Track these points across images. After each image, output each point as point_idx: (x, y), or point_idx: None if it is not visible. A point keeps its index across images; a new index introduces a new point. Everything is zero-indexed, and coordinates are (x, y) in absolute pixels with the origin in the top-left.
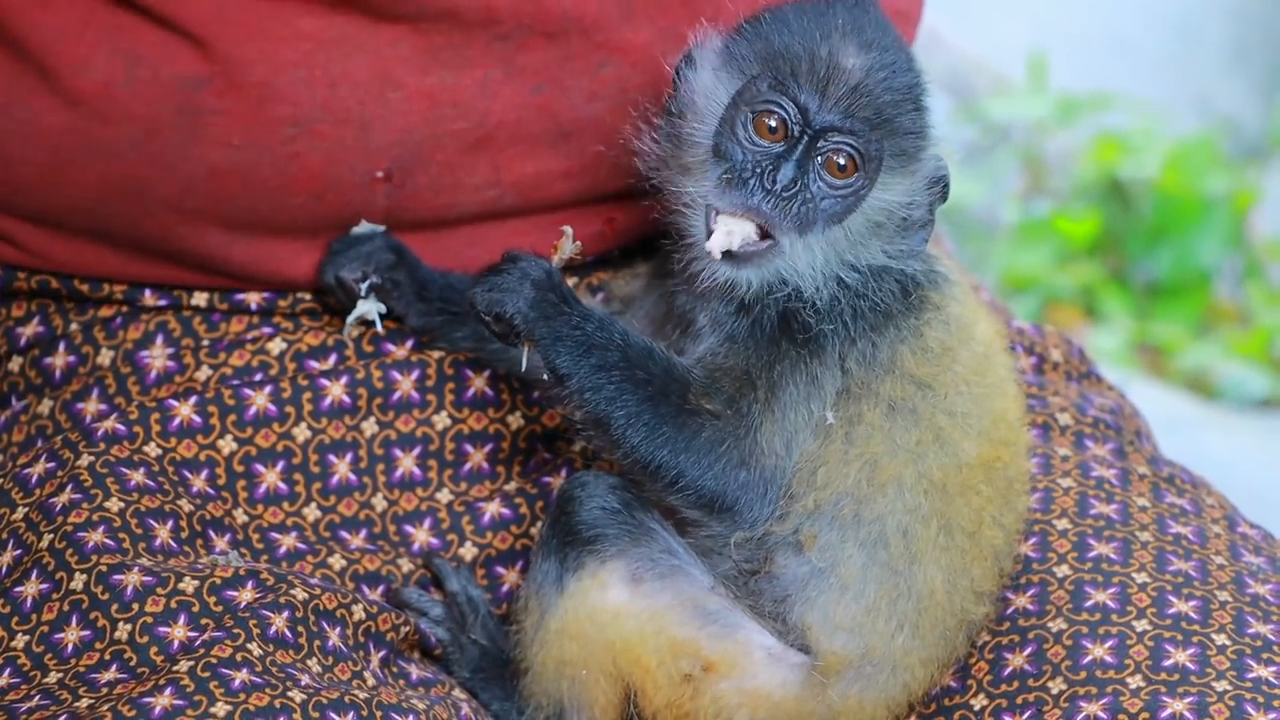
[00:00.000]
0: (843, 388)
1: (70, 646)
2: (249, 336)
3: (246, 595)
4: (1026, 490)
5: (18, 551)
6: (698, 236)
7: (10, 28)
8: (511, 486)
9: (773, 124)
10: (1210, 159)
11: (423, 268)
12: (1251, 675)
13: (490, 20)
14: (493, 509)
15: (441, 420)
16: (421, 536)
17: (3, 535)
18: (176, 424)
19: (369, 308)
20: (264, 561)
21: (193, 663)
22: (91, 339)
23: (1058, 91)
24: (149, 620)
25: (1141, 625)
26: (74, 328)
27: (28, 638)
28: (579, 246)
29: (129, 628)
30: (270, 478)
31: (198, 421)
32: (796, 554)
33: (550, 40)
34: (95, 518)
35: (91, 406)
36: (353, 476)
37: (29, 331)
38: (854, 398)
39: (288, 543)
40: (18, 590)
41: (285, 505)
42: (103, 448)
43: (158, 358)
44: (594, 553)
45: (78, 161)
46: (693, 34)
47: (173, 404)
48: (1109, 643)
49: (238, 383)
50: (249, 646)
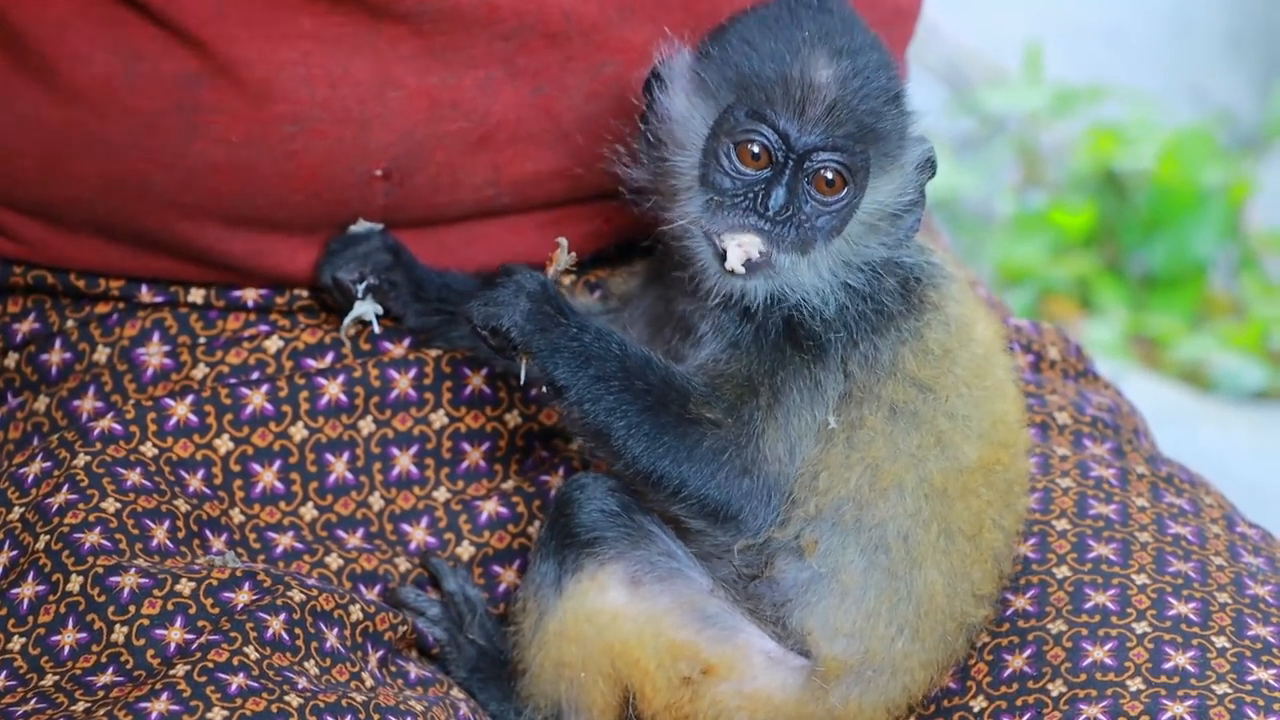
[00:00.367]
0: (845, 391)
1: (67, 649)
2: (246, 334)
3: (243, 597)
4: (1026, 492)
5: (14, 553)
6: (705, 259)
7: (9, 21)
8: (509, 485)
9: (755, 151)
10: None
11: (419, 267)
12: (1252, 678)
13: (491, 20)
14: (490, 508)
15: (439, 419)
16: (419, 535)
17: None
18: (173, 423)
19: (366, 309)
20: (261, 561)
21: (189, 667)
22: (88, 336)
23: (1053, 83)
24: (145, 623)
25: (1141, 627)
26: (70, 324)
27: (24, 640)
28: (573, 258)
29: (125, 630)
30: (267, 477)
31: (194, 421)
32: (797, 559)
33: (551, 41)
34: (92, 518)
35: (88, 404)
36: (350, 475)
37: (25, 328)
38: (856, 401)
39: (285, 542)
40: (14, 592)
41: (282, 504)
42: (99, 447)
43: (154, 355)
44: (593, 555)
45: (76, 156)
46: (657, 50)
47: (169, 403)
48: (1109, 645)
49: (234, 381)
50: (246, 650)
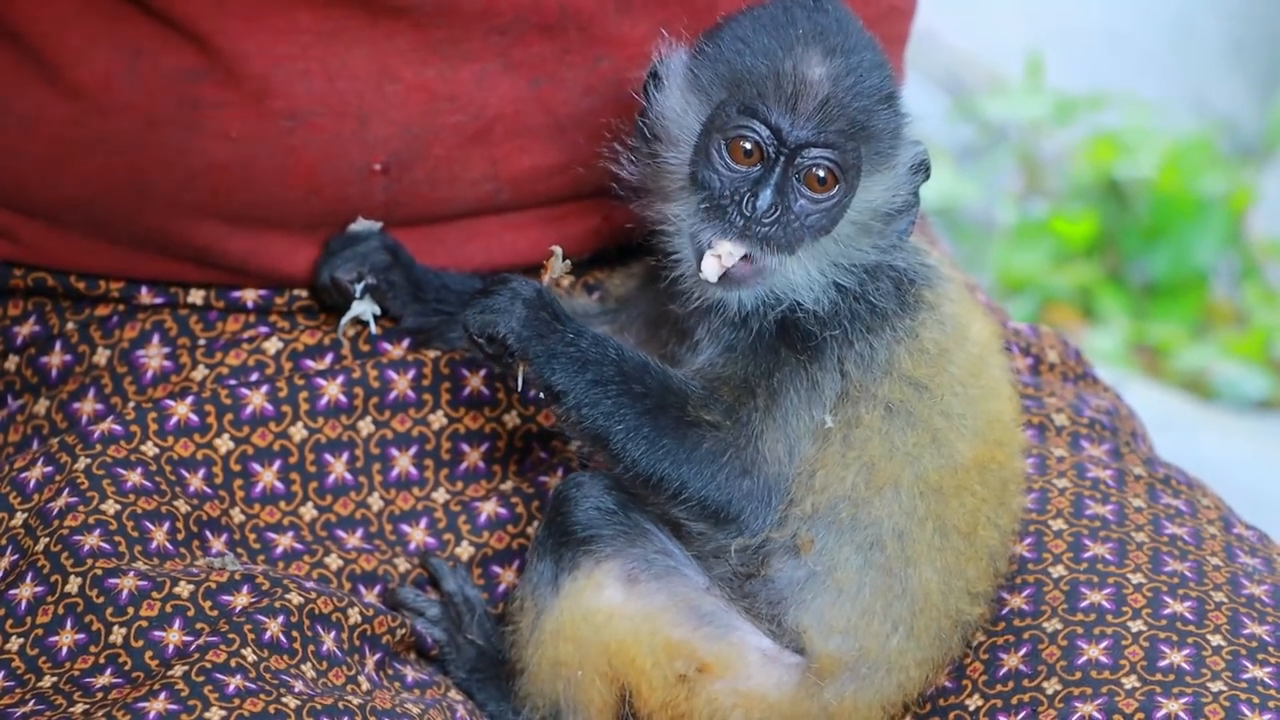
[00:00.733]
0: (841, 391)
1: (65, 650)
2: (245, 336)
3: (242, 600)
4: (1022, 490)
5: (14, 556)
6: (687, 262)
7: (10, 20)
8: (508, 486)
9: (748, 147)
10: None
11: (418, 268)
12: (1247, 676)
13: (489, 13)
14: (489, 508)
15: (438, 419)
16: (418, 536)
17: (1, 540)
18: (174, 423)
19: (363, 308)
20: (261, 561)
21: (187, 668)
22: (88, 338)
23: (1054, 91)
24: (144, 624)
25: (1137, 626)
26: (70, 327)
27: (22, 640)
28: (569, 265)
29: (124, 631)
30: (267, 477)
31: (194, 420)
32: (793, 557)
33: (548, 34)
34: (91, 521)
35: (88, 406)
36: (349, 476)
37: (25, 330)
38: (852, 401)
39: (284, 542)
40: (12, 593)
41: (282, 504)
42: (99, 449)
43: (154, 357)
44: (589, 553)
45: (77, 154)
46: (654, 50)
47: (169, 403)
48: (1104, 643)
49: (234, 382)
50: (243, 652)
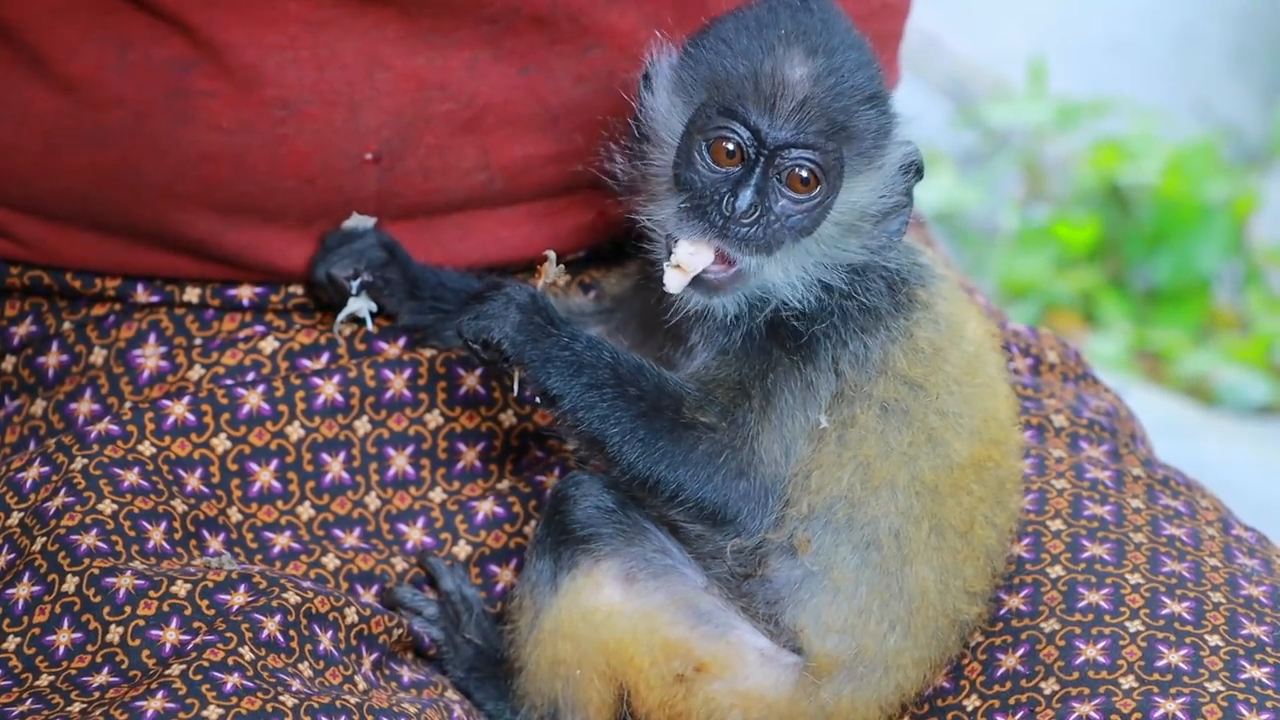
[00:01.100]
0: (836, 391)
1: (62, 649)
2: (241, 335)
3: (239, 599)
4: (1019, 489)
5: (11, 555)
6: (661, 263)
7: (0, 16)
8: (504, 485)
9: (729, 148)
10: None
11: (414, 265)
12: (1244, 676)
13: (478, 3)
14: (486, 507)
15: (434, 419)
16: (415, 535)
17: None
18: (170, 422)
19: (359, 305)
20: (258, 561)
21: (184, 666)
22: (84, 338)
23: (1057, 97)
24: (141, 623)
25: (1134, 626)
26: (67, 327)
27: (19, 639)
28: (562, 270)
29: (121, 630)
30: (264, 476)
31: (191, 420)
32: (790, 558)
33: (537, 23)
34: (88, 520)
35: (85, 407)
36: (346, 475)
37: (22, 331)
38: (847, 400)
39: (282, 542)
40: (9, 593)
41: (279, 504)
42: (96, 449)
43: (150, 357)
44: (588, 552)
45: (70, 148)
46: (646, 52)
47: (166, 403)
48: (1102, 643)
49: (230, 382)
50: (241, 650)
